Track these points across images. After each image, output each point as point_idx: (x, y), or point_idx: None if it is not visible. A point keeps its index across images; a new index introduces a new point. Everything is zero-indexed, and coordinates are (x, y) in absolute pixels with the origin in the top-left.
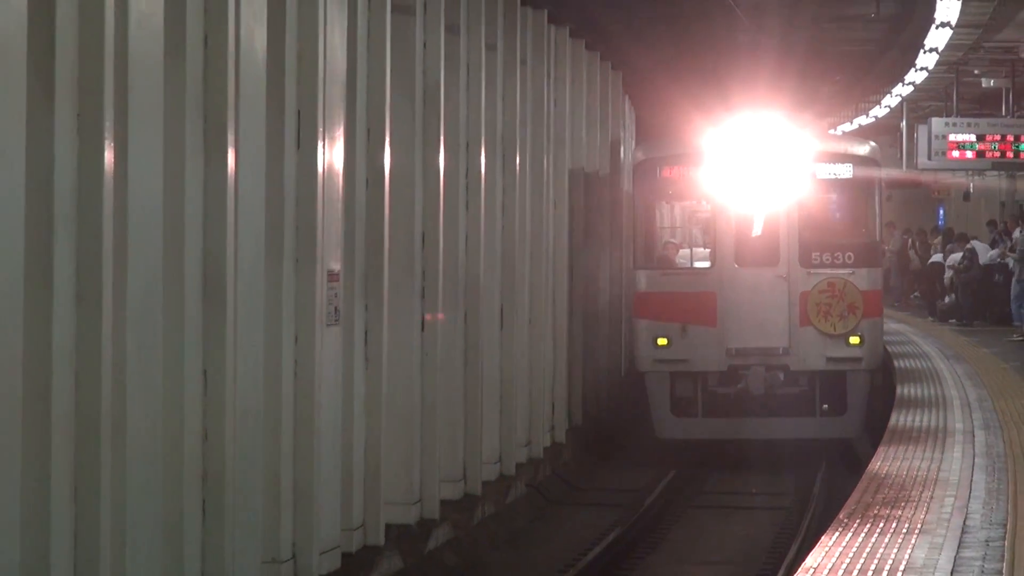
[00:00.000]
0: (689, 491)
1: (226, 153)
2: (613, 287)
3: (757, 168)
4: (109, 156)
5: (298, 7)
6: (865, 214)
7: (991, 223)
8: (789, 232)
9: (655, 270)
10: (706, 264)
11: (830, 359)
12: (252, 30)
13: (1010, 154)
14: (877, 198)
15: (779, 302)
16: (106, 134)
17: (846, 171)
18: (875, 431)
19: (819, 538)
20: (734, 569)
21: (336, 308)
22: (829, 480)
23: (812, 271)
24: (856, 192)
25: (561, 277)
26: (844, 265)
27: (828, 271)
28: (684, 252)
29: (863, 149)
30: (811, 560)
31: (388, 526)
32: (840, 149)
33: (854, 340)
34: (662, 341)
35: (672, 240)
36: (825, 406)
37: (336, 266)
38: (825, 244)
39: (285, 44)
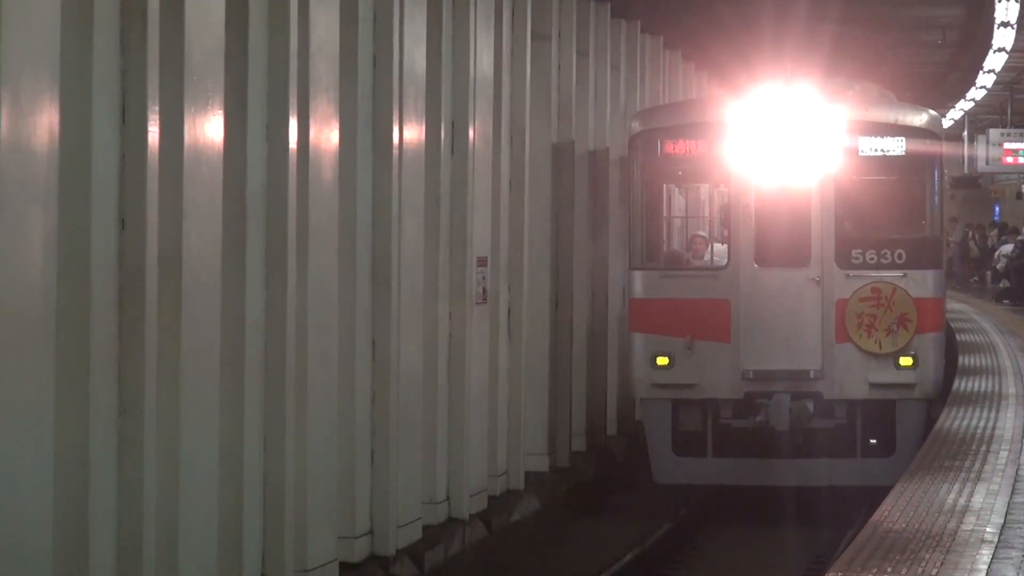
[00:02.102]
0: None
1: (391, 158)
2: None
3: (783, 142)
4: (293, 160)
5: (452, 33)
6: (921, 200)
7: None
8: (823, 223)
9: (655, 271)
10: (719, 263)
11: (874, 385)
12: (413, 52)
13: None
14: (936, 180)
15: (810, 312)
16: (290, 142)
17: (897, 146)
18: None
19: (893, 486)
20: None
21: (484, 289)
22: None
23: (852, 273)
24: (910, 173)
25: None
26: (893, 266)
27: (873, 273)
28: (719, 249)
29: (919, 119)
30: (886, 505)
31: (527, 473)
32: (889, 119)
33: (905, 361)
34: (662, 360)
35: (701, 233)
36: (873, 441)
37: (484, 253)
38: (869, 239)
39: (441, 64)
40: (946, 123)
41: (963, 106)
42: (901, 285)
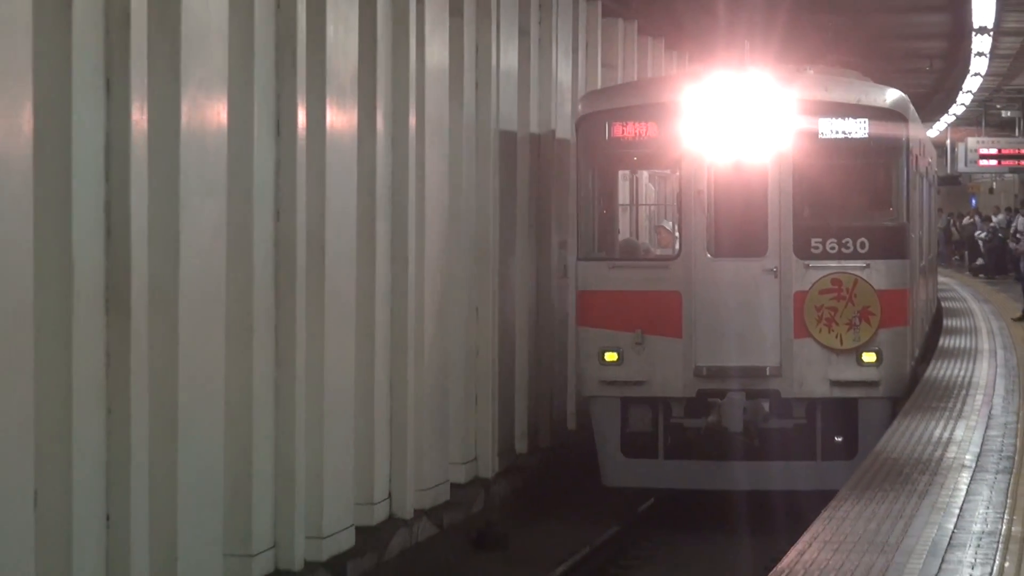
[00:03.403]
0: None
1: (489, 161)
2: None
3: (737, 123)
4: (412, 163)
5: (539, 64)
6: (886, 186)
7: (1008, 209)
8: (781, 211)
9: (602, 262)
10: (667, 253)
11: (835, 383)
12: (508, 78)
13: (1022, 162)
14: (904, 165)
15: (766, 306)
16: (410, 149)
17: (860, 128)
18: None
19: (890, 424)
20: None
21: (564, 265)
22: None
23: (811, 264)
24: (874, 156)
25: None
26: (855, 255)
27: (833, 264)
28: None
29: (883, 99)
30: (885, 439)
31: None
32: (851, 99)
33: (868, 357)
34: (611, 356)
35: (665, 224)
36: (840, 439)
37: (564, 237)
38: (830, 227)
39: (530, 87)
40: (932, 133)
41: (946, 119)
42: (863, 277)
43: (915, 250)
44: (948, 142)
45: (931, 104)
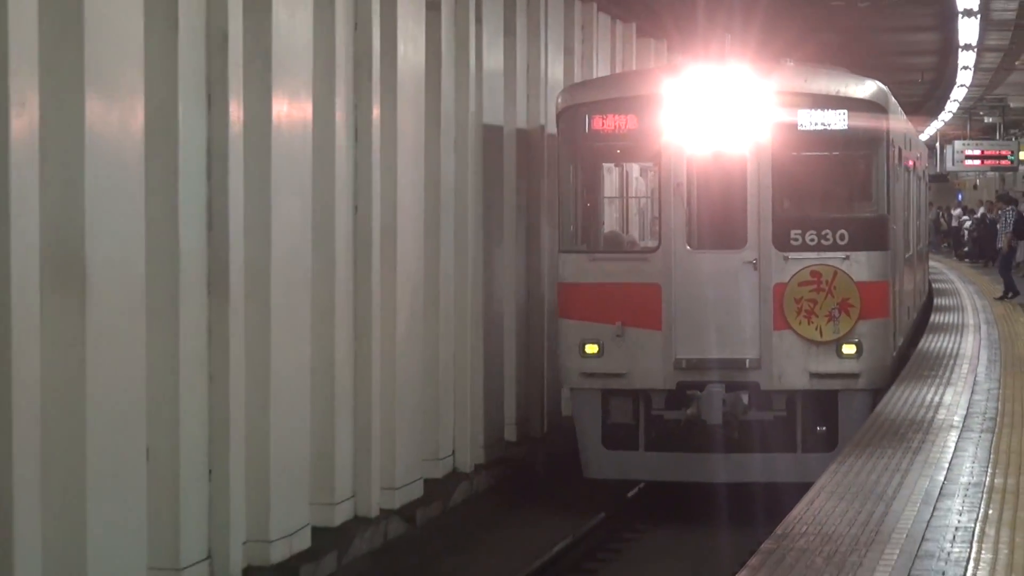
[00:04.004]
0: None
1: (541, 162)
2: None
3: (716, 116)
4: (471, 163)
5: (581, 77)
6: (866, 178)
7: (988, 202)
8: (760, 203)
9: (583, 254)
10: (650, 246)
11: (815, 375)
12: (555, 91)
13: (1003, 162)
14: (883, 156)
15: (746, 298)
16: (469, 151)
17: (839, 120)
18: None
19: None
20: None
21: None
22: None
23: (791, 256)
24: (853, 148)
25: None
26: (835, 247)
27: (813, 256)
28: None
29: (862, 90)
30: (883, 402)
31: None
32: (830, 91)
33: (848, 349)
34: (591, 348)
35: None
36: (823, 428)
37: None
38: (809, 219)
39: None
40: (923, 136)
41: (936, 125)
42: (843, 268)
43: (896, 241)
44: (938, 144)
45: (923, 111)
